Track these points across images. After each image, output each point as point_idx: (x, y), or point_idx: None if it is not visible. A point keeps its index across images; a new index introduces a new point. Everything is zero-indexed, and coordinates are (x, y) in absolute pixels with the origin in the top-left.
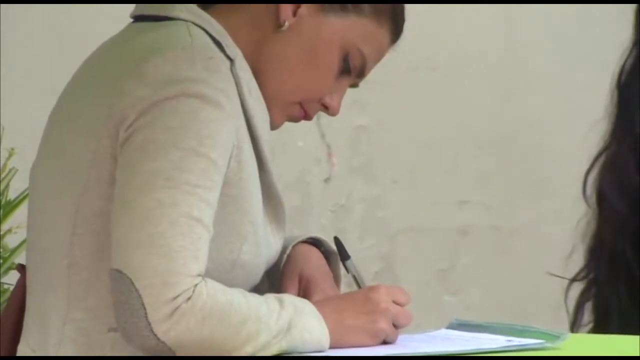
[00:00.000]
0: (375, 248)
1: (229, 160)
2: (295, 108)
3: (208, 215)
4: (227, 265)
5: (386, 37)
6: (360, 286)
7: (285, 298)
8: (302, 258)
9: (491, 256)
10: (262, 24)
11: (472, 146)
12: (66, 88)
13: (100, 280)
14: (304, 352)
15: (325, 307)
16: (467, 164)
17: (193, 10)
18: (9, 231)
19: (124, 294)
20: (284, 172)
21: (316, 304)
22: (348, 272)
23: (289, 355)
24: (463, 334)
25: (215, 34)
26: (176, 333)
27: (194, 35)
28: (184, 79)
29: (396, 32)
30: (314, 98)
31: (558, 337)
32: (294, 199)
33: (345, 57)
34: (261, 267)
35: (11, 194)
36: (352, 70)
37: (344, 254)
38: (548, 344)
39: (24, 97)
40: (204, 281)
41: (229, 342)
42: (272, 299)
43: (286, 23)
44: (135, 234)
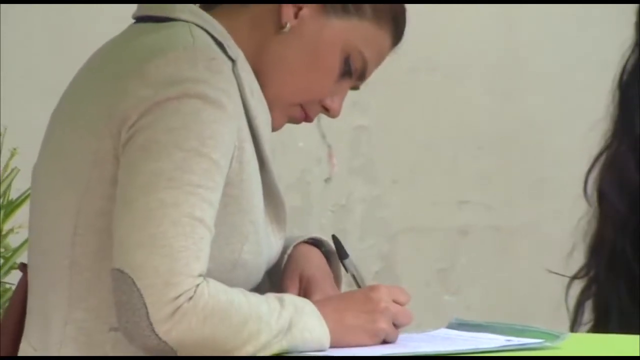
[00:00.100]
0: (375, 248)
1: (231, 160)
2: (296, 110)
3: (210, 215)
4: (228, 265)
5: (387, 40)
6: (359, 285)
7: (285, 298)
8: (303, 258)
9: (491, 256)
10: (264, 26)
11: (472, 146)
12: (68, 88)
13: (101, 280)
14: (305, 352)
15: (325, 307)
16: (467, 164)
17: (195, 11)
18: (11, 231)
19: (126, 294)
20: (285, 173)
21: (316, 304)
22: (347, 271)
23: (290, 355)
24: (463, 334)
25: (217, 35)
26: (177, 333)
27: (196, 36)
28: (186, 80)
29: (397, 35)
30: (315, 100)
31: (558, 337)
32: (295, 199)
33: (346, 60)
34: (262, 267)
35: (13, 194)
36: (353, 72)
37: (343, 253)
38: (547, 344)
39: (26, 98)
40: (206, 281)
41: (230, 342)
42: (273, 299)
43: (288, 25)
44: (137, 234)
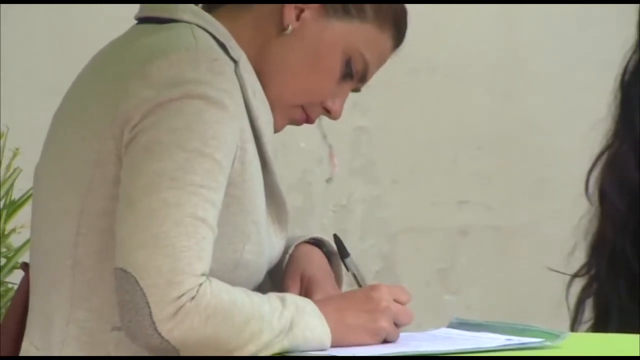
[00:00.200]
0: (375, 248)
1: (233, 161)
2: (297, 111)
3: (212, 215)
4: (231, 265)
5: (388, 43)
6: (360, 284)
7: (287, 297)
8: (304, 258)
9: (491, 256)
10: (266, 27)
11: (472, 146)
12: (70, 89)
13: (104, 280)
14: (306, 351)
15: (326, 306)
16: (467, 164)
17: (197, 12)
18: (13, 231)
19: (129, 293)
20: (286, 173)
21: (317, 303)
22: (348, 270)
23: (291, 355)
24: (463, 333)
25: (219, 36)
26: (180, 332)
27: (198, 37)
28: (188, 81)
29: (398, 38)
30: (316, 102)
31: (558, 336)
32: (296, 199)
33: (347, 62)
34: (264, 267)
35: (15, 194)
36: (355, 74)
37: (344, 252)
38: (548, 343)
39: (28, 98)
40: (208, 281)
41: (233, 341)
42: (274, 298)
43: (290, 27)
44: (140, 234)
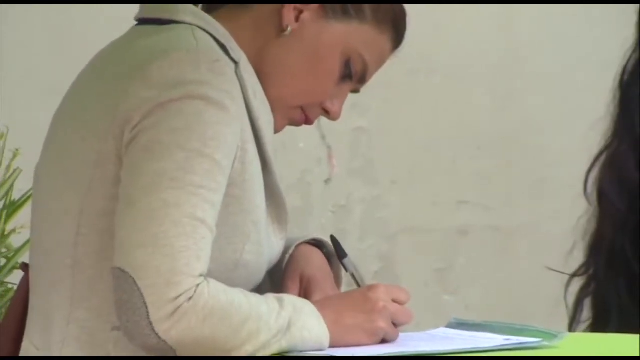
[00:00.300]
0: (374, 248)
1: (233, 161)
2: (296, 112)
3: (212, 216)
4: (230, 265)
5: (387, 44)
6: (359, 284)
7: (285, 298)
8: (304, 258)
9: (490, 256)
10: (265, 29)
11: (471, 147)
12: (70, 89)
13: (104, 279)
14: (304, 351)
15: (324, 307)
16: (466, 165)
17: (197, 13)
18: (13, 231)
19: (127, 293)
20: (285, 173)
21: (315, 304)
22: (347, 271)
23: (290, 355)
24: (462, 333)
25: (219, 37)
26: (177, 332)
27: (199, 38)
28: (189, 81)
29: (397, 40)
30: (316, 103)
31: (556, 336)
32: (295, 200)
33: (346, 63)
34: (263, 267)
35: (15, 195)
36: (354, 75)
37: (341, 253)
38: (546, 343)
39: (28, 99)
40: (206, 281)
41: (230, 341)
42: (272, 299)
43: (289, 28)
44: (139, 234)
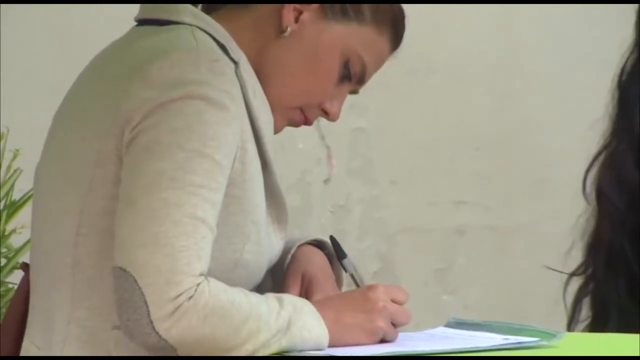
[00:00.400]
0: (373, 248)
1: (233, 161)
2: (295, 113)
3: (212, 215)
4: (230, 264)
5: (386, 45)
6: (358, 285)
7: (284, 297)
8: (306, 258)
9: (488, 256)
10: (265, 29)
11: (470, 147)
12: (70, 90)
13: (104, 279)
14: (304, 351)
15: (323, 307)
16: (465, 165)
17: (197, 14)
18: (14, 231)
19: (127, 292)
20: (285, 173)
21: (315, 304)
22: (346, 271)
23: (289, 355)
24: (461, 333)
25: (219, 38)
26: (177, 331)
27: (199, 38)
28: (189, 81)
29: (396, 41)
30: (315, 103)
31: (554, 336)
32: (295, 200)
33: (345, 64)
34: (263, 267)
35: (16, 195)
36: (353, 76)
37: (341, 253)
38: (544, 342)
39: (28, 99)
40: (207, 280)
41: (230, 340)
42: (272, 299)
43: (288, 29)
44: (139, 233)
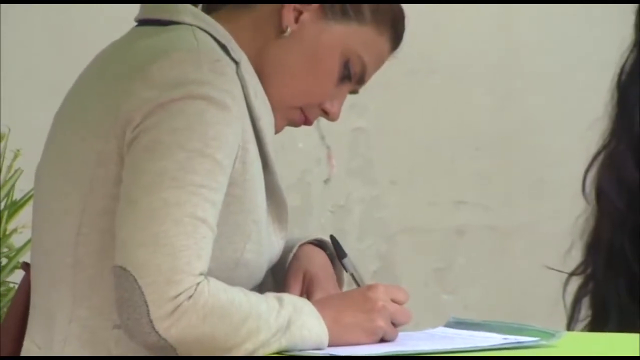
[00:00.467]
0: (373, 248)
1: (234, 161)
2: (296, 113)
3: (212, 215)
4: (231, 264)
5: (386, 45)
6: (358, 284)
7: (284, 297)
8: (307, 258)
9: (488, 256)
10: (265, 30)
11: (470, 147)
12: (71, 90)
13: (104, 278)
14: (303, 350)
15: (324, 306)
16: (465, 165)
17: (197, 14)
18: (15, 231)
19: (127, 291)
20: (285, 173)
21: (315, 303)
22: (346, 271)
23: (289, 354)
24: (460, 332)
25: (220, 38)
26: (177, 330)
27: (199, 38)
28: (190, 81)
29: (396, 41)
30: (315, 103)
31: (553, 335)
32: (295, 200)
33: (345, 64)
34: (263, 266)
35: (16, 195)
36: (352, 76)
37: (341, 253)
38: (544, 342)
39: (29, 99)
40: (207, 280)
41: (230, 340)
42: (272, 298)
43: (288, 29)
44: (140, 233)
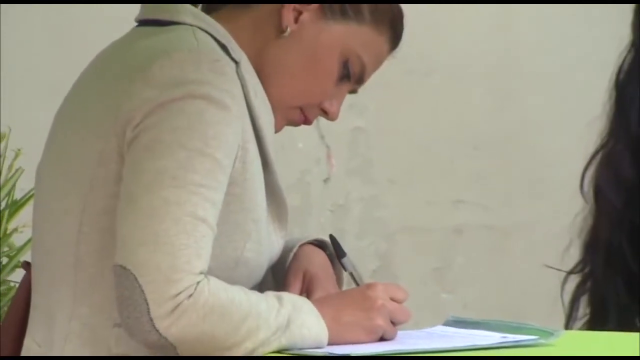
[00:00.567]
0: (372, 247)
1: (234, 160)
2: (295, 112)
3: (212, 214)
4: (231, 262)
5: (385, 45)
6: (357, 283)
7: (284, 296)
8: (307, 257)
9: (486, 255)
10: (265, 29)
11: (469, 147)
12: (71, 90)
13: (105, 277)
14: (303, 349)
15: (323, 305)
16: (464, 165)
17: (197, 14)
18: (16, 230)
19: (128, 290)
20: (285, 173)
21: (315, 302)
22: (345, 270)
23: (289, 353)
24: (459, 331)
25: (220, 38)
26: (177, 329)
27: (200, 39)
28: (191, 81)
29: (395, 40)
30: (314, 103)
31: (552, 334)
32: (294, 199)
33: (344, 63)
34: (263, 265)
35: (17, 194)
36: (352, 76)
37: (340, 252)
38: (542, 341)
39: (30, 99)
40: (207, 279)
41: (230, 338)
42: (272, 297)
43: (288, 29)
44: (140, 231)
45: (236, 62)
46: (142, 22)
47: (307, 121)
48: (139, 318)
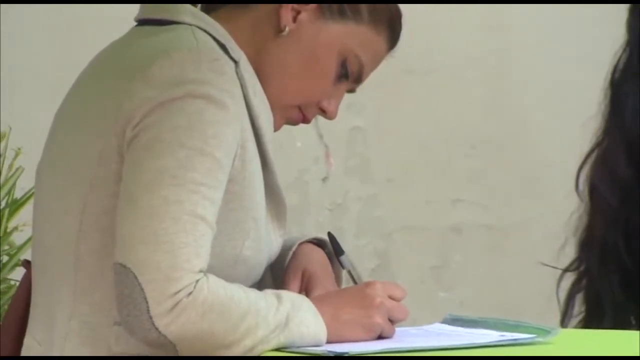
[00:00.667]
0: (371, 246)
1: (234, 159)
2: (294, 111)
3: (212, 213)
4: (230, 260)
5: (383, 45)
6: (355, 281)
7: (283, 294)
8: (306, 256)
9: (484, 254)
10: (263, 29)
11: (466, 146)
12: (71, 89)
13: (105, 276)
14: (302, 346)
15: (322, 302)
16: (461, 164)
17: (197, 14)
18: (16, 229)
19: (128, 288)
20: (283, 172)
21: (313, 300)
22: (343, 268)
23: (287, 351)
24: (457, 329)
25: (219, 37)
26: (177, 327)
27: (199, 38)
28: (190, 80)
29: (393, 40)
30: (313, 102)
31: (549, 332)
32: (293, 198)
33: (343, 63)
34: (262, 263)
35: (17, 193)
36: (350, 75)
37: (338, 250)
38: (539, 339)
39: (30, 98)
40: (206, 277)
41: (229, 336)
42: (270, 295)
43: (286, 28)
44: (140, 230)
45: (235, 62)
46: (142, 22)
47: (306, 120)
48: (139, 316)
